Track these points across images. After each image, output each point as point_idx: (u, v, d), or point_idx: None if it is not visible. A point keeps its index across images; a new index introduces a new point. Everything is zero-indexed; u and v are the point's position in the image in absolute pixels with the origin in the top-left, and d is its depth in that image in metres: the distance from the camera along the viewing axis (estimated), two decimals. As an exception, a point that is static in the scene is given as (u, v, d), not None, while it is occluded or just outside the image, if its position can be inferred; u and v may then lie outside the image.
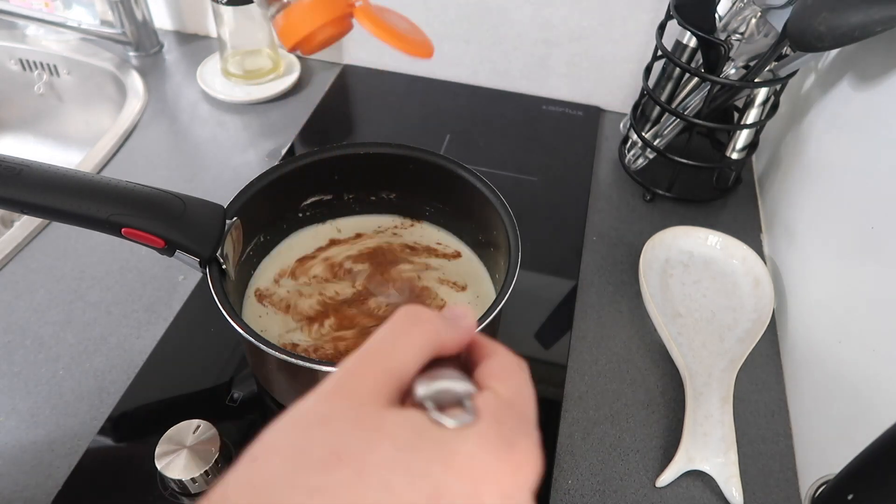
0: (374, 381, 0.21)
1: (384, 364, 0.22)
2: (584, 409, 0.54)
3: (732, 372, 0.54)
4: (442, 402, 0.21)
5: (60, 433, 0.50)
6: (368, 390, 0.21)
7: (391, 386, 0.21)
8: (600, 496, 0.49)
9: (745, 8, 0.58)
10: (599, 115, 0.84)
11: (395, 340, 0.22)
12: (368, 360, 0.22)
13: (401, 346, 0.22)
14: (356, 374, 0.21)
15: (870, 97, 0.54)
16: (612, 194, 0.73)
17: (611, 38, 0.78)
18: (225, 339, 0.56)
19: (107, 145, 0.74)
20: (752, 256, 0.62)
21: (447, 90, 0.86)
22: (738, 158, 0.68)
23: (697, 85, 0.66)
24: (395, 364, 0.22)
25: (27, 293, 0.59)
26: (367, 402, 0.20)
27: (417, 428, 0.20)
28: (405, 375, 0.22)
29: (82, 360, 0.55)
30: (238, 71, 0.83)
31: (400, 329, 0.23)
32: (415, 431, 0.20)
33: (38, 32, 0.88)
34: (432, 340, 0.23)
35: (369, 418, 0.20)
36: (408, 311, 0.23)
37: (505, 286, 0.45)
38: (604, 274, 0.65)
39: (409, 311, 0.23)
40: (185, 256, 0.44)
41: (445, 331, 0.23)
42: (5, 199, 0.40)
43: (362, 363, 0.22)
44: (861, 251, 0.50)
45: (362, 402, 0.20)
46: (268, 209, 0.54)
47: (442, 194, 0.57)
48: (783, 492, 0.50)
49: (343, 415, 0.20)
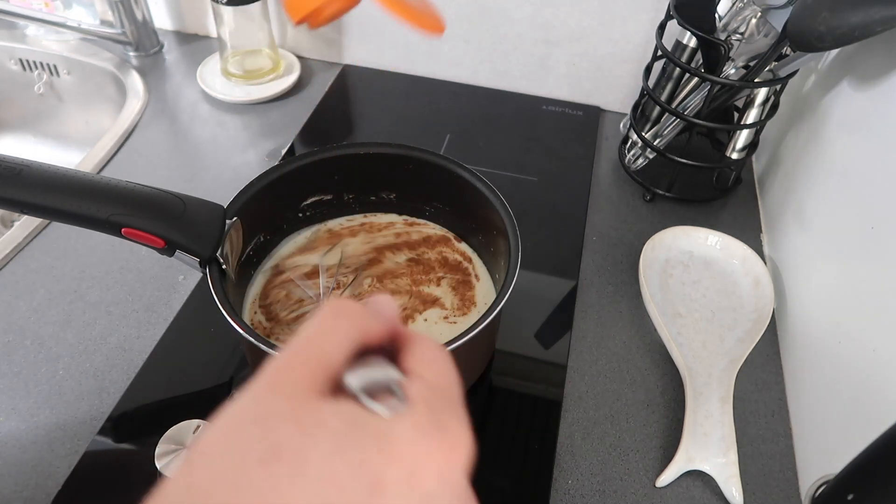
0: (306, 375, 0.21)
1: (314, 357, 0.22)
2: (584, 409, 0.54)
3: (732, 372, 0.54)
4: (372, 390, 0.22)
5: (60, 433, 0.50)
6: (301, 384, 0.21)
7: (322, 378, 0.22)
8: (600, 496, 0.49)
9: (745, 8, 0.58)
10: (599, 115, 0.84)
11: (322, 334, 0.23)
12: (298, 354, 0.22)
13: (328, 338, 0.23)
14: (287, 368, 0.21)
15: (870, 97, 0.54)
16: (612, 194, 0.73)
17: (611, 38, 0.78)
18: (225, 339, 0.56)
19: (107, 145, 0.74)
20: (752, 256, 0.62)
21: (447, 90, 0.86)
22: (738, 158, 0.68)
23: (697, 85, 0.66)
24: (324, 356, 0.22)
25: (27, 293, 0.59)
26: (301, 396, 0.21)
27: (353, 418, 0.20)
28: (335, 367, 0.22)
29: (82, 360, 0.55)
30: (238, 71, 0.83)
31: (326, 323, 0.23)
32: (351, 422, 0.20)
33: (38, 32, 0.88)
34: (358, 332, 0.23)
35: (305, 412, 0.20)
36: (332, 304, 0.24)
37: (505, 286, 0.45)
38: (604, 274, 0.65)
39: (333, 305, 0.24)
40: (185, 256, 0.44)
41: (370, 322, 0.24)
42: (5, 199, 0.40)
43: (292, 358, 0.22)
44: (861, 251, 0.50)
45: (296, 396, 0.21)
46: (268, 209, 0.54)
47: (442, 194, 0.57)
48: (783, 492, 0.50)
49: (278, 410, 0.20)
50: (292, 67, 0.86)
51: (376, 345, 0.25)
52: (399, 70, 0.88)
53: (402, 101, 0.85)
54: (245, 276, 0.54)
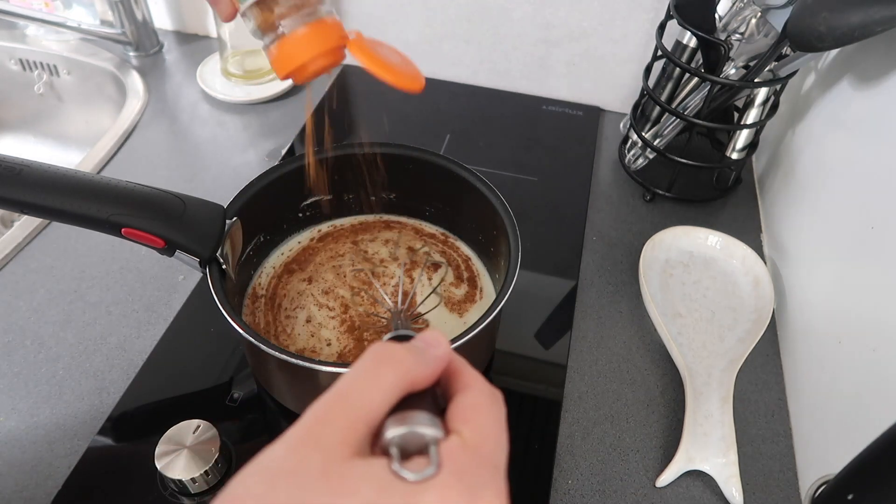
0: (343, 430, 0.21)
1: (353, 411, 0.21)
2: (584, 409, 0.54)
3: (732, 372, 0.54)
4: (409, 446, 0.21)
5: (60, 433, 0.50)
6: (336, 440, 0.21)
7: (360, 433, 0.21)
8: (600, 496, 0.49)
9: (745, 8, 0.58)
10: (599, 115, 0.84)
11: (364, 383, 0.22)
12: (337, 406, 0.21)
13: (370, 389, 0.22)
14: (325, 421, 0.21)
15: (870, 97, 0.54)
16: (612, 194, 0.73)
17: (611, 38, 0.78)
18: (225, 339, 0.56)
19: (107, 145, 0.74)
20: (752, 256, 0.62)
21: (447, 90, 0.86)
22: (738, 158, 0.68)
23: (697, 85, 0.66)
24: (364, 409, 0.22)
25: (27, 293, 0.59)
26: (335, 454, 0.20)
27: (381, 483, 0.20)
28: (374, 420, 0.22)
29: (82, 360, 0.55)
30: (238, 71, 0.82)
31: (369, 370, 0.22)
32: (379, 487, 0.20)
33: (38, 32, 0.88)
34: (402, 379, 0.23)
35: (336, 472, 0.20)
36: (376, 350, 0.23)
37: (505, 286, 0.45)
38: (604, 274, 0.65)
39: (377, 351, 0.23)
40: (185, 256, 0.44)
41: (416, 367, 0.23)
42: (5, 199, 0.40)
43: (331, 409, 0.21)
44: (861, 251, 0.50)
45: (329, 453, 0.20)
46: (268, 209, 0.54)
47: (442, 194, 0.57)
48: (783, 492, 0.50)
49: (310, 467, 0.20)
50: (292, 67, 0.86)
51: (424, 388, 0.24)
52: (399, 70, 0.88)
53: (402, 101, 0.85)
54: (245, 276, 0.54)
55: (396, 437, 0.22)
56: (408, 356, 0.23)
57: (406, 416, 0.22)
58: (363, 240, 0.59)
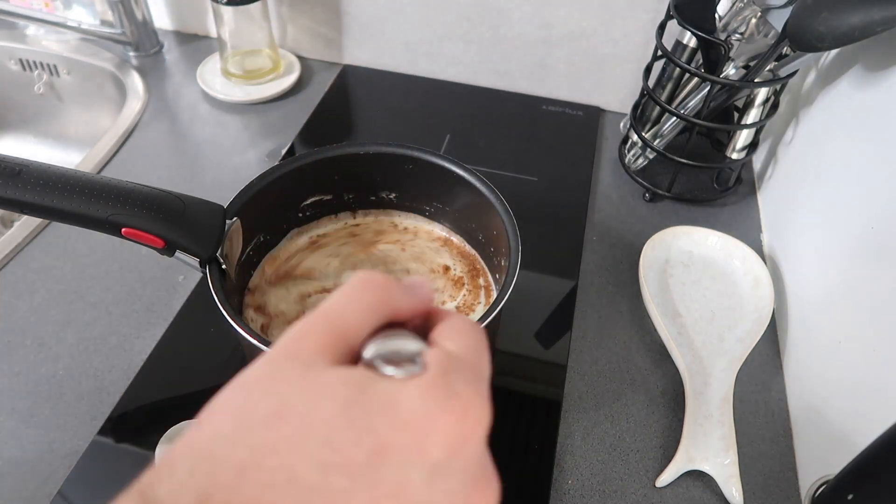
0: (320, 341, 0.21)
1: (332, 325, 0.21)
2: (584, 409, 0.54)
3: (732, 372, 0.54)
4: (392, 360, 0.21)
5: (60, 433, 0.50)
6: (314, 349, 0.21)
7: (338, 345, 0.21)
8: (600, 496, 0.49)
9: (745, 8, 0.58)
10: (599, 115, 0.84)
11: (345, 304, 0.22)
12: (317, 323, 0.22)
13: (351, 308, 0.22)
14: (304, 335, 0.21)
15: (870, 97, 0.54)
16: (612, 194, 0.73)
17: (611, 38, 0.78)
18: (225, 339, 0.56)
19: (107, 145, 0.74)
20: (752, 256, 0.62)
21: (447, 90, 0.86)
22: (738, 158, 0.68)
23: (697, 85, 0.66)
24: (343, 326, 0.21)
25: (27, 293, 0.59)
26: (312, 361, 0.20)
27: (362, 383, 0.20)
28: (353, 336, 0.22)
29: (82, 360, 0.55)
30: (238, 71, 0.83)
31: (352, 293, 0.22)
32: (359, 387, 0.20)
33: (38, 32, 0.88)
34: (384, 304, 0.23)
35: (313, 376, 0.20)
36: (361, 276, 0.23)
37: (505, 286, 0.45)
38: (604, 274, 0.65)
39: (363, 276, 0.23)
40: (185, 256, 0.44)
41: (399, 296, 0.23)
42: (5, 199, 0.40)
43: (311, 325, 0.21)
44: (861, 251, 0.50)
45: (307, 361, 0.20)
46: (268, 209, 0.54)
47: (442, 194, 0.57)
48: (783, 492, 0.50)
49: (287, 374, 0.20)
50: (292, 67, 0.86)
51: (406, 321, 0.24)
52: (399, 70, 0.88)
53: (402, 101, 0.85)
54: (245, 276, 0.54)
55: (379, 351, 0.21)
56: (391, 283, 0.23)
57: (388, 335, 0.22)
58: (363, 239, 0.59)
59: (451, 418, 0.20)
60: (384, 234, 0.60)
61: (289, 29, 0.88)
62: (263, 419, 0.19)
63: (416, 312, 0.24)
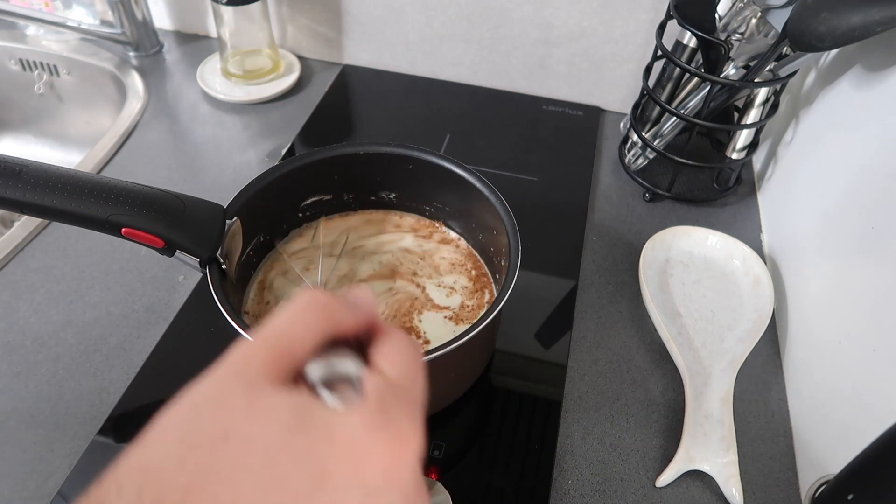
0: (266, 362, 0.21)
1: (277, 346, 0.22)
2: (584, 409, 0.54)
3: (732, 372, 0.54)
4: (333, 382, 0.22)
5: (60, 433, 0.50)
6: (259, 371, 0.21)
7: (283, 366, 0.22)
8: (600, 496, 0.49)
9: (745, 8, 0.58)
10: (599, 115, 0.84)
11: (290, 324, 0.23)
12: (261, 342, 0.22)
13: (295, 329, 0.23)
14: (250, 354, 0.22)
15: (870, 97, 0.54)
16: (612, 194, 0.73)
17: (611, 38, 0.78)
18: (225, 339, 0.56)
19: (107, 145, 0.74)
20: (752, 256, 0.62)
21: (447, 90, 0.86)
22: (738, 158, 0.68)
23: (697, 85, 0.66)
24: (287, 345, 0.22)
25: (27, 293, 0.59)
26: (258, 383, 0.21)
27: (304, 409, 0.20)
28: (298, 356, 0.22)
29: (82, 360, 0.55)
30: (238, 71, 0.83)
31: (296, 312, 0.23)
32: (301, 413, 0.20)
33: (38, 32, 0.88)
34: (328, 323, 0.23)
35: (258, 399, 0.20)
36: (305, 296, 0.24)
37: (505, 286, 0.45)
38: (604, 274, 0.65)
39: (306, 297, 0.24)
40: (185, 256, 0.44)
41: (341, 315, 0.24)
42: (5, 199, 0.40)
43: (255, 345, 0.22)
44: (861, 251, 0.50)
45: (252, 382, 0.21)
46: (268, 209, 0.54)
47: (442, 194, 0.57)
48: (783, 492, 0.50)
49: (233, 395, 0.20)
50: (292, 67, 0.86)
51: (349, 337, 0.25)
52: (399, 70, 0.88)
53: (402, 101, 0.85)
54: (245, 276, 0.54)
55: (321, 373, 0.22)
56: (332, 301, 0.24)
57: (330, 356, 0.23)
58: (365, 239, 0.59)
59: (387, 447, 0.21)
60: (384, 234, 0.60)
61: (289, 29, 0.88)
62: (209, 441, 0.19)
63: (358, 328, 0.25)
